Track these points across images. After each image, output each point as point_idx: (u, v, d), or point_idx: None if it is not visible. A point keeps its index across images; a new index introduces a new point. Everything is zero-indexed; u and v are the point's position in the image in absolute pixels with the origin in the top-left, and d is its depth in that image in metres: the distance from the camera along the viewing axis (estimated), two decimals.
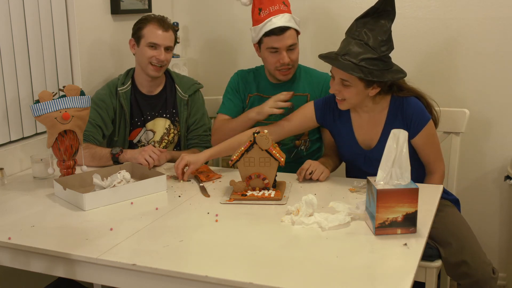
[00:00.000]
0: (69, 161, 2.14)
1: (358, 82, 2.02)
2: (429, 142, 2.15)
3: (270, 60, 2.40)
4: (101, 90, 2.58)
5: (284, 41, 2.34)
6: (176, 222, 1.78)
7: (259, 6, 2.40)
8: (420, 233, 1.64)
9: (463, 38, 2.75)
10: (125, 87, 2.55)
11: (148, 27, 2.45)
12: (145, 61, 2.48)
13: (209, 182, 2.16)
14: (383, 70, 2.01)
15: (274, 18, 2.34)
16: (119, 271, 1.53)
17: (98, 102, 2.51)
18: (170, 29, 2.49)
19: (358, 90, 2.05)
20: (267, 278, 1.40)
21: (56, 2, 2.50)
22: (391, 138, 1.66)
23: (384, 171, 1.65)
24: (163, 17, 2.51)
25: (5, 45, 2.27)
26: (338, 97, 2.10)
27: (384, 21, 2.02)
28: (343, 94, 2.07)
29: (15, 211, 1.90)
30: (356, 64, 1.98)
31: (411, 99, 2.12)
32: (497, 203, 2.86)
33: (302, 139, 2.51)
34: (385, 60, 2.02)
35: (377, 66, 1.99)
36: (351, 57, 1.99)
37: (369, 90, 2.06)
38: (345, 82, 2.04)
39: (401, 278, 1.39)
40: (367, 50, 1.98)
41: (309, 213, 1.75)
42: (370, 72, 1.98)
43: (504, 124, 2.76)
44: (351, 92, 2.05)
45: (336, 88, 2.08)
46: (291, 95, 2.32)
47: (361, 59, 1.98)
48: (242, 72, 2.60)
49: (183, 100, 2.59)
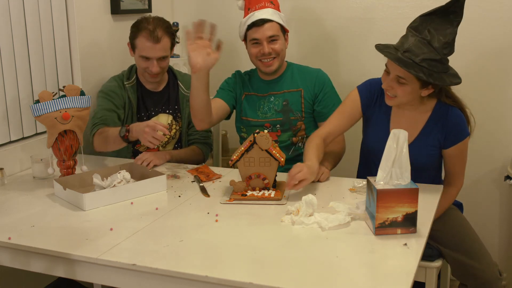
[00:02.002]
0: (69, 161, 2.14)
1: (415, 81, 1.96)
2: (460, 156, 2.13)
3: (252, 51, 2.44)
4: (108, 82, 2.58)
5: (264, 32, 2.38)
6: (176, 222, 1.78)
7: (248, 6, 2.46)
8: (420, 233, 1.64)
9: (463, 37, 2.73)
10: (131, 81, 2.56)
11: (139, 38, 2.43)
12: (141, 70, 2.53)
13: (209, 182, 2.16)
14: (442, 72, 1.94)
15: (256, 12, 2.41)
16: (119, 271, 1.53)
17: (109, 93, 2.52)
18: (165, 37, 2.43)
19: (413, 89, 1.98)
20: (267, 278, 1.40)
21: (56, 2, 2.50)
22: (391, 138, 1.66)
23: (384, 171, 1.65)
24: (156, 22, 2.43)
25: (5, 45, 2.27)
26: (389, 93, 2.03)
27: (451, 22, 1.94)
28: (396, 91, 2.00)
29: (15, 211, 1.90)
30: (417, 63, 1.91)
31: (457, 111, 2.08)
32: (497, 203, 2.86)
33: (299, 135, 2.52)
34: (444, 63, 1.95)
35: (437, 68, 1.92)
36: (412, 55, 1.91)
37: (423, 90, 2.00)
38: (401, 79, 1.96)
39: (401, 278, 1.39)
40: (430, 50, 1.91)
41: (309, 213, 1.75)
42: (430, 74, 1.91)
43: (504, 124, 2.76)
44: (405, 90, 1.98)
45: (390, 84, 2.00)
46: None
47: (423, 59, 1.90)
48: (240, 72, 2.62)
49: (186, 96, 2.60)
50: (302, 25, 3.03)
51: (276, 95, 2.51)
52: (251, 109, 2.53)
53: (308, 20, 3.02)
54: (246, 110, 2.54)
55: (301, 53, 3.01)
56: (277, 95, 2.51)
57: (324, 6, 2.98)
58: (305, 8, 3.02)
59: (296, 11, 3.02)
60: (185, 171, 2.30)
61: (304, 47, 3.05)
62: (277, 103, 2.50)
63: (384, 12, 2.86)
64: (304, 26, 3.03)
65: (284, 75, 2.53)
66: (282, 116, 2.49)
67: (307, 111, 2.50)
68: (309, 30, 3.05)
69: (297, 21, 3.02)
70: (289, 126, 2.50)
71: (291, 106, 2.49)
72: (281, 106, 2.50)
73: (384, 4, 2.86)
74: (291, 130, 2.51)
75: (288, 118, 2.49)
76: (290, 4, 3.00)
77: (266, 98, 2.52)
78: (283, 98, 2.50)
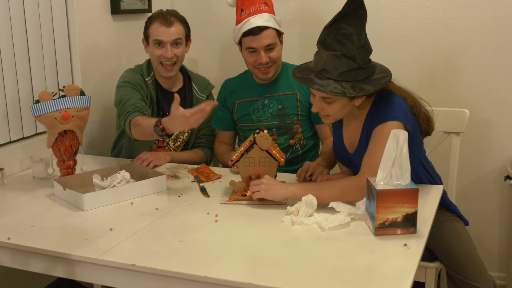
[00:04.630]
0: (69, 161, 2.14)
1: (341, 97, 1.85)
2: (374, 141, 1.87)
3: (249, 59, 2.42)
4: (130, 74, 2.49)
5: (262, 41, 2.35)
6: (176, 222, 1.78)
7: (241, 7, 2.42)
8: (420, 233, 1.64)
9: (463, 37, 2.75)
10: (150, 77, 2.51)
11: (153, 25, 2.44)
12: (156, 61, 2.46)
13: (209, 182, 2.16)
14: (366, 78, 1.84)
15: (252, 18, 2.36)
16: (118, 271, 1.53)
17: (134, 83, 2.42)
18: (177, 22, 2.44)
19: (343, 104, 1.88)
20: (267, 278, 1.40)
21: (56, 2, 2.50)
22: (391, 138, 1.66)
23: (384, 171, 1.65)
24: (170, 11, 2.47)
25: (5, 45, 2.27)
26: (322, 113, 1.94)
27: (356, 25, 1.82)
28: (327, 111, 1.90)
29: (15, 211, 1.90)
30: (336, 80, 1.81)
31: (391, 96, 1.92)
32: (497, 203, 2.86)
33: (296, 137, 2.51)
34: (366, 68, 1.84)
35: (359, 76, 1.82)
36: (328, 73, 1.82)
37: (354, 101, 1.89)
38: (327, 99, 1.87)
39: (401, 278, 1.39)
40: (344, 62, 1.80)
41: (309, 213, 1.75)
42: (353, 85, 1.81)
43: (504, 124, 2.76)
44: (335, 108, 1.88)
45: (319, 106, 1.90)
46: None
47: (340, 73, 1.80)
48: (228, 82, 2.62)
49: (200, 100, 2.57)
50: (305, 26, 3.02)
51: (271, 97, 2.50)
52: (245, 115, 2.53)
53: (309, 20, 3.01)
54: (240, 118, 2.54)
55: (303, 53, 3.00)
56: (272, 97, 2.50)
57: (325, 6, 2.97)
58: (308, 9, 3.00)
59: (301, 11, 3.00)
60: (185, 171, 2.30)
61: (306, 47, 3.04)
62: (272, 107, 2.49)
63: (384, 12, 2.86)
64: (306, 27, 3.02)
65: (279, 78, 2.51)
66: (278, 120, 2.48)
67: (303, 114, 2.49)
68: (310, 31, 3.03)
69: (301, 21, 3.00)
70: (285, 129, 2.49)
71: (287, 110, 2.48)
72: (276, 110, 2.48)
73: (384, 4, 2.86)
74: (287, 133, 2.50)
75: (284, 121, 2.48)
76: (295, 4, 2.97)
77: (260, 101, 2.51)
78: (278, 101, 2.49)
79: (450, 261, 2.07)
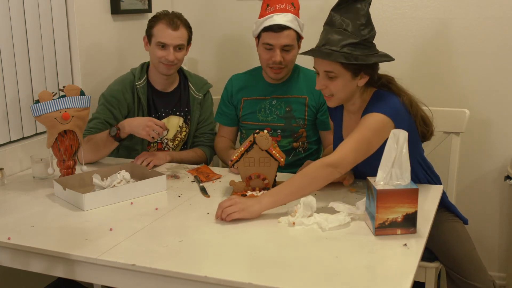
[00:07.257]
0: (69, 161, 2.14)
1: (344, 71, 1.89)
2: (357, 128, 1.87)
3: (263, 56, 2.41)
4: (113, 85, 2.53)
5: (280, 40, 2.34)
6: (176, 222, 1.78)
7: (268, 2, 2.40)
8: (420, 233, 1.64)
9: (463, 38, 2.75)
10: (141, 81, 2.52)
11: (158, 26, 2.43)
12: (156, 60, 2.47)
13: (209, 182, 2.16)
14: (368, 54, 1.89)
15: (276, 16, 2.34)
16: (118, 271, 1.53)
17: (109, 99, 2.47)
18: (182, 27, 2.45)
19: (345, 81, 1.90)
20: (267, 278, 1.40)
21: (56, 2, 2.50)
22: (391, 138, 1.66)
23: (384, 171, 1.65)
24: (176, 14, 2.47)
25: (5, 45, 2.27)
26: (325, 93, 1.96)
27: (360, 4, 1.90)
28: (330, 89, 1.93)
29: (15, 211, 1.90)
30: (338, 51, 1.86)
31: (388, 94, 1.96)
32: (497, 203, 2.86)
33: (300, 141, 2.50)
34: (368, 45, 1.90)
35: (361, 51, 1.87)
36: (331, 46, 1.87)
37: (357, 80, 1.92)
38: (330, 73, 1.90)
39: (401, 278, 1.39)
40: (347, 36, 1.87)
41: (307, 215, 1.74)
42: (355, 58, 1.86)
43: (504, 124, 2.76)
44: (337, 85, 1.91)
45: (322, 83, 1.93)
46: None
47: (343, 46, 1.86)
48: (235, 77, 2.60)
49: (197, 99, 2.59)
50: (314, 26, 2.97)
51: (280, 98, 2.48)
52: (251, 113, 2.52)
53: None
54: (245, 115, 2.54)
55: None
56: (280, 99, 2.48)
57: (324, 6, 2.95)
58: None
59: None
60: (185, 171, 2.30)
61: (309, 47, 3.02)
62: (280, 108, 2.47)
63: (384, 12, 2.86)
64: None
65: (290, 79, 2.49)
66: (284, 122, 2.47)
67: (310, 119, 2.47)
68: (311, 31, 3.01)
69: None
70: (290, 132, 2.48)
71: (294, 113, 2.46)
72: (284, 112, 2.47)
73: (384, 4, 2.86)
74: (292, 136, 2.48)
75: (290, 125, 2.47)
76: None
77: (268, 101, 2.49)
78: (286, 103, 2.47)
79: (450, 261, 2.07)
